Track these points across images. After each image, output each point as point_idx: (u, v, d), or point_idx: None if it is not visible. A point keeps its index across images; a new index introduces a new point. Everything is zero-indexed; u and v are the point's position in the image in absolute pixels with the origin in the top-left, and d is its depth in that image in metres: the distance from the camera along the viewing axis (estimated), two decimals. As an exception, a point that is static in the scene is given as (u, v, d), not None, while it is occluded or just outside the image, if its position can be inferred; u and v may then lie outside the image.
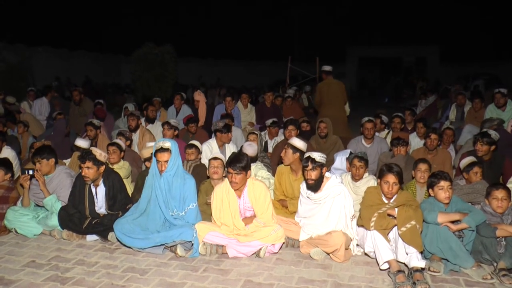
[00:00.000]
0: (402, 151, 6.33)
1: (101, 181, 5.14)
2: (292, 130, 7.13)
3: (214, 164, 5.27)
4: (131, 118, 8.14)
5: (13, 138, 8.24)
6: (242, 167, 4.53)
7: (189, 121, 8.42)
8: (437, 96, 14.32)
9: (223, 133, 6.89)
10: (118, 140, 6.53)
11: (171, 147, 4.66)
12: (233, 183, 4.55)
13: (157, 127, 9.00)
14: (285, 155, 5.30)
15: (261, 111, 10.24)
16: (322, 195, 4.58)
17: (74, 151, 6.76)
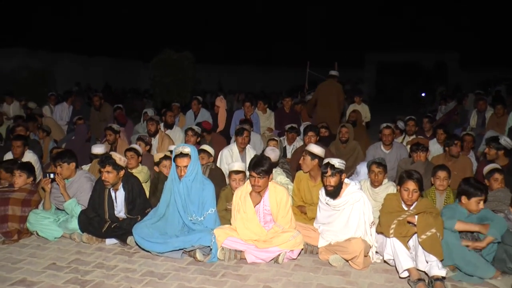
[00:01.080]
0: (422, 157, 6.25)
1: (121, 186, 5.17)
2: (312, 136, 7.10)
3: (236, 178, 5.27)
4: (150, 123, 8.19)
5: (35, 142, 8.33)
6: (265, 171, 4.52)
7: (204, 130, 8.45)
8: (457, 102, 14.16)
9: (237, 136, 6.94)
10: (135, 145, 6.56)
11: (190, 152, 4.67)
12: (256, 187, 4.55)
13: (176, 132, 9.05)
14: (303, 162, 5.29)
15: (280, 116, 10.24)
16: (341, 201, 4.55)
17: (92, 159, 6.82)
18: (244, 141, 6.96)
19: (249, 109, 9.53)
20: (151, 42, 30.67)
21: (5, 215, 5.30)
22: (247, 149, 7.06)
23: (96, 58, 27.15)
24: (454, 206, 4.40)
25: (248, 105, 9.53)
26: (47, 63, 19.20)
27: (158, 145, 8.11)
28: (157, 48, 16.98)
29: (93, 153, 6.75)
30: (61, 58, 23.26)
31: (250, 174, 4.57)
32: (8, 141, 7.50)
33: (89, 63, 26.43)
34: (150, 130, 8.14)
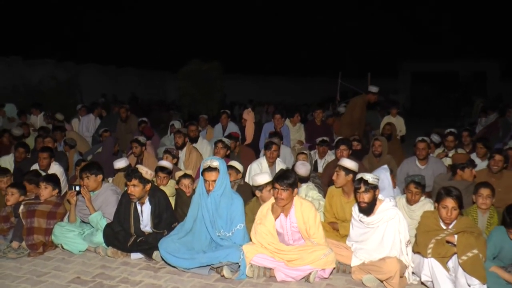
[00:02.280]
0: (469, 176, 5.95)
1: (147, 199, 5.21)
2: (344, 150, 7.04)
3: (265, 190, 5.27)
4: (177, 136, 8.23)
5: (61, 154, 8.46)
6: (290, 184, 4.50)
7: (230, 138, 8.47)
8: (499, 114, 13.84)
9: (266, 150, 6.95)
10: (167, 163, 6.54)
11: (219, 166, 4.69)
12: (279, 199, 4.52)
13: (203, 145, 9.10)
14: (337, 177, 5.27)
15: (311, 129, 10.21)
16: (375, 218, 4.49)
17: (116, 174, 6.89)
18: (272, 155, 6.97)
19: (279, 122, 9.53)
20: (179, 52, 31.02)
21: (31, 227, 5.40)
22: (276, 163, 7.07)
23: (123, 69, 27.59)
24: (503, 231, 4.19)
25: (278, 117, 9.53)
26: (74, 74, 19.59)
27: (185, 158, 8.15)
28: (184, 59, 17.23)
29: (115, 168, 6.83)
30: (87, 69, 23.72)
31: (274, 186, 4.57)
32: (35, 153, 7.63)
33: (116, 74, 26.85)
34: (177, 142, 8.19)
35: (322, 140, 8.31)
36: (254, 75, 33.41)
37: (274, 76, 33.81)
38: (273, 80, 33.46)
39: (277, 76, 33.94)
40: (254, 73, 33.63)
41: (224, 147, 7.59)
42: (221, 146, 7.58)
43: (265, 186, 5.20)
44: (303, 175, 5.91)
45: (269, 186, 5.20)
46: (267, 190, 5.18)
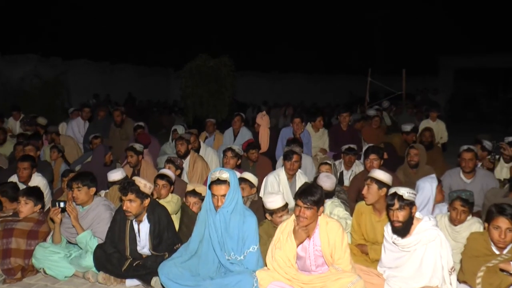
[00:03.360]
0: None
1: (145, 217, 5.21)
2: (374, 160, 7.01)
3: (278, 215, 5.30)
4: (179, 143, 8.23)
5: (45, 164, 8.43)
6: (314, 201, 4.46)
7: (250, 146, 8.48)
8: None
9: (286, 161, 6.93)
10: (168, 171, 6.55)
11: (229, 178, 4.68)
12: (301, 219, 4.48)
13: (208, 154, 9.14)
14: (368, 191, 5.25)
15: (336, 135, 10.20)
16: (412, 240, 4.46)
17: (110, 187, 6.89)
18: (293, 166, 6.94)
19: (299, 127, 9.52)
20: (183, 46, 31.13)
21: (7, 249, 5.33)
22: (297, 176, 7.05)
23: (119, 65, 27.72)
24: None
25: (298, 121, 9.52)
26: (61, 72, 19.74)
27: (189, 169, 8.18)
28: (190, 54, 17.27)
29: (110, 181, 6.82)
30: (77, 65, 23.87)
31: (296, 203, 4.53)
32: (14, 162, 7.63)
33: (110, 72, 26.98)
34: (180, 151, 8.20)
35: (348, 148, 8.28)
36: (269, 73, 33.42)
37: (293, 74, 33.78)
38: (291, 78, 33.46)
39: (296, 73, 33.89)
40: (269, 70, 33.61)
41: (234, 157, 7.60)
42: (230, 155, 7.59)
43: (276, 211, 5.24)
44: (327, 189, 5.89)
45: (281, 212, 5.24)
46: (279, 216, 5.21)
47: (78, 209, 5.56)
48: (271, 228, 5.23)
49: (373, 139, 10.31)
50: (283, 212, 5.21)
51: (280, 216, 5.18)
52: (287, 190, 6.84)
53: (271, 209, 5.25)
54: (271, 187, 6.82)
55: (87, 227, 5.46)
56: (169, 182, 6.31)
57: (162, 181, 6.27)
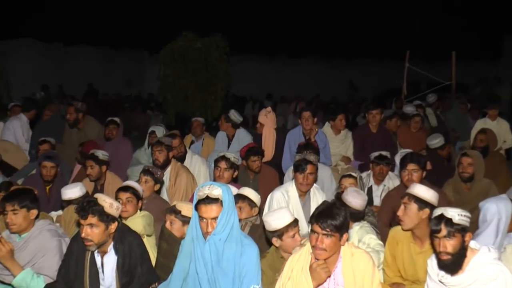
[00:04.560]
0: None
1: (111, 247, 5.17)
2: (414, 171, 6.95)
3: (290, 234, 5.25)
4: (157, 149, 8.16)
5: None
6: (337, 226, 4.41)
7: (251, 152, 8.44)
8: None
9: (297, 173, 6.86)
10: (133, 183, 6.56)
11: (222, 196, 4.62)
12: (318, 250, 4.44)
13: (195, 163, 9.16)
14: (405, 213, 5.23)
15: (363, 138, 10.16)
16: (466, 279, 4.43)
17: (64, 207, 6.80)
18: (307, 180, 6.84)
19: (309, 124, 9.46)
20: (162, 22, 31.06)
21: None
22: (312, 192, 7.00)
23: (75, 47, 27.56)
24: None
25: (307, 115, 9.44)
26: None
27: (170, 184, 8.15)
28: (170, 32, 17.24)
29: (65, 199, 6.76)
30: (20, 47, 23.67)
31: (311, 228, 4.51)
32: None
33: (63, 56, 26.78)
34: (158, 159, 8.14)
35: (379, 156, 8.26)
36: (275, 57, 33.43)
37: (306, 59, 33.77)
38: (303, 64, 33.41)
39: (309, 58, 33.87)
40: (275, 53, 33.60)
41: (229, 168, 7.52)
42: (224, 166, 7.51)
43: (286, 230, 5.19)
44: (357, 208, 5.88)
45: (292, 229, 5.18)
46: (290, 235, 5.16)
47: (13, 240, 5.47)
48: (277, 260, 5.20)
49: (412, 144, 10.24)
50: (295, 230, 5.15)
51: (293, 236, 5.12)
52: (298, 211, 6.77)
53: (278, 229, 5.19)
54: (277, 205, 6.74)
55: (27, 263, 5.34)
56: (135, 195, 6.31)
57: (126, 194, 6.26)
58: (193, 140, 11.11)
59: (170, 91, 16.53)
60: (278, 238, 5.20)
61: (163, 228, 5.89)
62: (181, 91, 16.34)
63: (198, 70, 16.23)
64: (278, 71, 32.56)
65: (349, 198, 5.94)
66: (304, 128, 9.51)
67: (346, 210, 4.71)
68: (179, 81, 16.32)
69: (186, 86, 16.29)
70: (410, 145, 10.06)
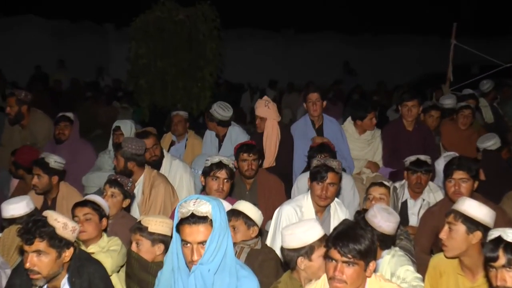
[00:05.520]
0: None
1: (65, 280, 5.17)
2: (463, 181, 6.94)
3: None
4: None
5: None
6: (360, 252, 4.43)
7: (242, 148, 8.34)
8: None
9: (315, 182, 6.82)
10: (94, 196, 6.58)
11: (212, 213, 4.63)
12: (337, 282, 4.47)
13: (176, 170, 9.17)
14: (450, 236, 5.24)
15: (395, 138, 10.18)
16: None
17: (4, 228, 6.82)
18: (327, 193, 6.80)
19: (316, 108, 9.53)
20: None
21: None
22: (332, 208, 7.01)
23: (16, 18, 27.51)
24: None
25: (314, 98, 9.51)
26: None
27: (144, 198, 8.15)
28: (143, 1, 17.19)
29: (5, 217, 6.79)
30: None
31: (328, 254, 4.53)
32: None
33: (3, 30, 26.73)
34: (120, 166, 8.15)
35: (416, 162, 8.24)
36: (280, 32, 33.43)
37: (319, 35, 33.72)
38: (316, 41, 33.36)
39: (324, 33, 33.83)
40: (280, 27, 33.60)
41: (230, 178, 7.46)
42: (225, 176, 7.36)
43: (318, 245, 5.18)
44: (387, 232, 5.84)
45: (323, 247, 5.09)
46: (321, 254, 5.12)
47: None
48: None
49: (460, 146, 10.29)
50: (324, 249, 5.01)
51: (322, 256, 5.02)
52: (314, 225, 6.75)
53: (308, 244, 5.18)
54: (287, 223, 6.68)
55: None
56: (96, 212, 6.32)
57: (84, 209, 6.28)
58: (174, 140, 11.10)
59: (143, 76, 16.45)
60: (305, 258, 5.17)
61: (129, 253, 5.90)
62: (157, 76, 16.27)
63: (180, 49, 16.17)
64: (284, 50, 32.57)
65: (377, 220, 5.84)
66: (311, 114, 9.53)
67: (373, 231, 4.70)
68: (155, 64, 16.23)
69: (164, 70, 16.21)
70: (457, 147, 10.06)
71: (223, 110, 10.36)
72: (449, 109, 11.71)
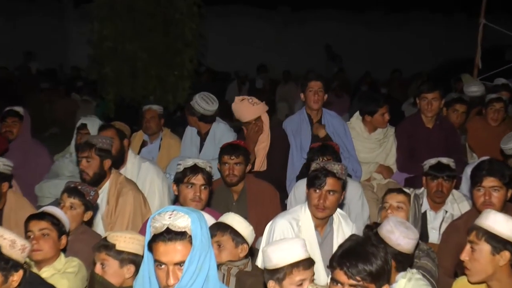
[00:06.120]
0: None
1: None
2: (495, 189, 6.94)
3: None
4: (84, 155, 8.05)
5: None
6: (371, 274, 4.43)
7: (224, 149, 8.37)
8: None
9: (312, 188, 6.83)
10: (52, 208, 6.56)
11: (191, 228, 4.62)
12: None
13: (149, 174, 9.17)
14: (472, 257, 5.24)
15: (412, 137, 10.21)
16: None
17: None
18: (326, 202, 6.75)
19: (317, 99, 9.52)
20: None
21: None
22: (336, 221, 7.01)
23: None
24: None
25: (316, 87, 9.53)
26: None
27: (109, 208, 8.16)
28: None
29: None
30: None
31: (332, 276, 4.56)
32: None
33: None
34: (86, 171, 8.07)
35: (438, 165, 8.25)
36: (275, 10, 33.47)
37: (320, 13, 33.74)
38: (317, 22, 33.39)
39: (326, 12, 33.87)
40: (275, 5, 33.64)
41: (208, 184, 7.48)
42: (202, 181, 7.41)
43: (291, 271, 5.18)
44: (406, 251, 5.83)
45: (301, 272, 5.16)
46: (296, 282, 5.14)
47: None
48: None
49: (491, 147, 10.29)
50: (305, 275, 5.11)
51: (300, 284, 5.10)
52: (314, 250, 6.68)
53: (281, 266, 5.17)
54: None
55: None
56: (55, 227, 6.31)
57: (41, 223, 6.26)
58: (146, 140, 11.08)
59: (108, 63, 16.41)
60: (276, 283, 5.17)
61: (91, 276, 5.88)
62: (126, 63, 16.25)
63: (154, 30, 16.16)
64: (279, 32, 32.61)
65: (395, 236, 5.77)
66: (310, 106, 9.56)
67: (387, 248, 4.70)
68: (123, 48, 16.20)
69: (134, 55, 16.18)
70: (487, 148, 10.05)
71: (207, 103, 10.31)
72: (475, 99, 11.68)
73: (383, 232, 5.88)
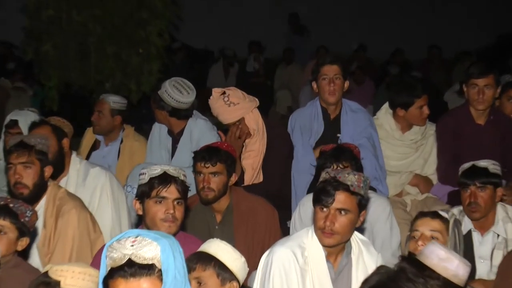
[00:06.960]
0: None
1: None
2: None
3: None
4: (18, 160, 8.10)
5: None
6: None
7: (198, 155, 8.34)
8: None
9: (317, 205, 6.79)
10: None
11: (161, 259, 4.59)
12: None
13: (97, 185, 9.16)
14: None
15: (458, 137, 10.15)
16: None
17: None
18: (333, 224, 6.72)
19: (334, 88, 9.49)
20: None
21: None
22: (355, 251, 6.97)
23: None
24: None
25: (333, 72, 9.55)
26: None
27: (46, 234, 8.10)
28: None
29: None
30: None
31: None
32: None
33: None
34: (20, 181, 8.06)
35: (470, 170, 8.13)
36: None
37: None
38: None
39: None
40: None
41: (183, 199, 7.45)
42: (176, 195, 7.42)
43: None
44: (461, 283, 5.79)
45: None
46: None
47: None
48: None
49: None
50: None
51: None
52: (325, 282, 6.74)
53: None
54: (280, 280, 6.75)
55: None
56: None
57: None
58: (99, 139, 11.04)
59: (49, 38, 16.39)
60: None
61: None
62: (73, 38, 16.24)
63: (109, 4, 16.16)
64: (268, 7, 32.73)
65: (453, 266, 5.52)
66: (325, 99, 9.59)
67: (427, 284, 4.68)
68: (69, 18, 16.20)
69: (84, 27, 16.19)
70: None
71: (180, 93, 10.21)
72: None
73: (433, 261, 5.63)
